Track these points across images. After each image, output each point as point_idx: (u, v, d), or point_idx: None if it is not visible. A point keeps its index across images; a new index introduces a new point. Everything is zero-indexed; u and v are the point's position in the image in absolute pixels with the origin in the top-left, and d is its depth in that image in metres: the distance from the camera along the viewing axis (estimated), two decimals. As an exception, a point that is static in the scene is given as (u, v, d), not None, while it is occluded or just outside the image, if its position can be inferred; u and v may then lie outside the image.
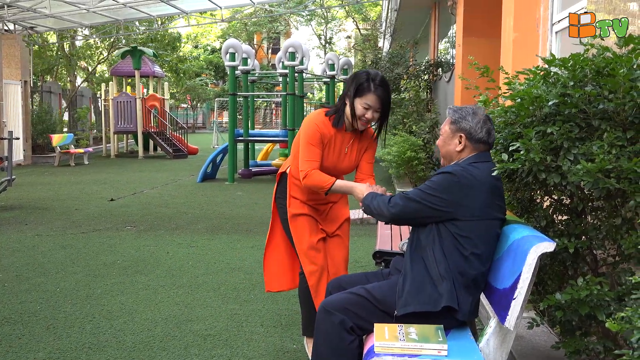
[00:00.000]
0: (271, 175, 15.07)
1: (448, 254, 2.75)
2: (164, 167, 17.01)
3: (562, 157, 2.61)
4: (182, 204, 10.14)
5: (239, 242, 7.22)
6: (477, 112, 2.92)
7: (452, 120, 2.94)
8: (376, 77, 3.38)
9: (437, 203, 2.74)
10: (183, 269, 5.96)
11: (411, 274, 2.80)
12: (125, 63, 21.46)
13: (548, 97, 2.74)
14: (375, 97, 3.36)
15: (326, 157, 3.52)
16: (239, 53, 13.76)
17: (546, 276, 3.17)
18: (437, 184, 2.76)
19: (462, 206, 2.71)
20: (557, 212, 3.19)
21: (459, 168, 2.77)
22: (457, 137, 2.91)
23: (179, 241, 7.23)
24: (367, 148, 3.64)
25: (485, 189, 2.74)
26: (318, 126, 3.47)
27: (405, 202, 2.83)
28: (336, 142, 3.53)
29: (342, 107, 3.48)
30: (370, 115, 3.41)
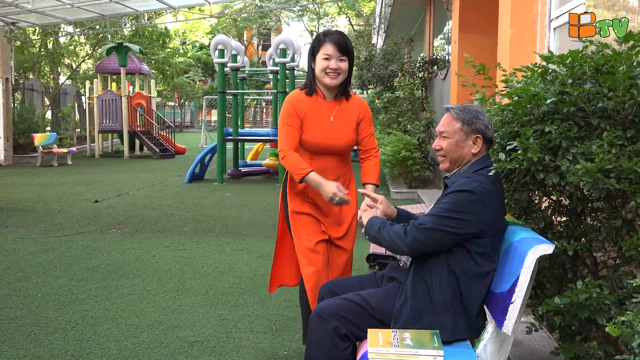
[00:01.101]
0: (261, 175, 15.06)
1: (460, 273, 2.68)
2: (150, 168, 16.96)
3: (561, 157, 2.61)
4: (169, 206, 10.11)
5: (228, 244, 7.20)
6: (482, 110, 2.89)
7: (464, 121, 2.85)
8: (329, 30, 3.52)
9: (461, 227, 2.64)
10: (170, 273, 5.94)
11: (412, 299, 2.73)
12: (111, 60, 21.39)
13: (546, 95, 2.74)
14: (331, 44, 3.42)
15: (310, 129, 3.49)
16: (228, 49, 13.74)
17: (545, 279, 3.17)
18: (458, 206, 2.65)
19: (485, 224, 2.66)
20: (556, 214, 3.19)
21: (476, 184, 2.67)
22: (471, 138, 2.84)
23: (166, 244, 7.21)
24: (360, 119, 3.58)
25: (499, 199, 2.73)
26: (291, 102, 3.54)
27: (426, 234, 2.68)
28: (317, 112, 3.51)
29: (312, 74, 3.54)
30: (334, 64, 3.42)
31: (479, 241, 2.68)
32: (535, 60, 5.20)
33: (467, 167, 2.85)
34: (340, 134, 3.51)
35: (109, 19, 19.69)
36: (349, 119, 3.54)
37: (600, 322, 2.51)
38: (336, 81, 3.46)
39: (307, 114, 3.51)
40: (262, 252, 6.78)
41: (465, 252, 2.69)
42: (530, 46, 6.00)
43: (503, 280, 2.60)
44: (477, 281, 2.70)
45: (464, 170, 2.85)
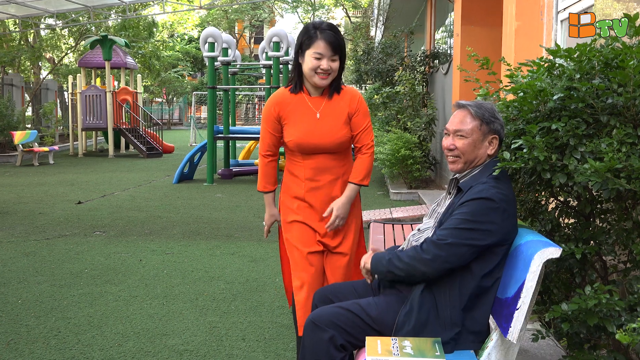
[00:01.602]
0: (253, 175, 15.04)
1: (471, 288, 2.67)
2: (136, 167, 16.93)
3: (568, 156, 2.61)
4: (156, 207, 10.09)
5: (218, 248, 7.19)
6: (496, 109, 2.88)
7: (483, 120, 2.82)
8: (321, 24, 3.39)
9: (483, 238, 2.63)
10: (157, 278, 5.93)
11: (418, 311, 2.71)
12: (95, 53, 21.36)
13: (553, 90, 2.75)
14: (324, 43, 3.32)
15: (295, 128, 3.46)
16: (218, 43, 13.73)
17: (552, 284, 3.18)
18: (478, 215, 2.63)
19: (504, 233, 2.65)
20: (564, 215, 3.20)
21: (495, 190, 2.66)
22: (488, 139, 2.83)
23: (153, 248, 7.20)
24: (352, 112, 3.47)
25: (515, 205, 2.73)
26: (272, 102, 3.53)
27: (449, 250, 2.64)
28: (302, 110, 3.46)
29: (298, 69, 3.46)
30: (326, 64, 3.34)
31: (496, 249, 2.68)
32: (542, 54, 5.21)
33: (481, 168, 2.84)
34: (328, 131, 3.43)
35: (93, 11, 19.67)
36: (338, 114, 3.45)
37: (610, 330, 2.51)
38: (326, 81, 3.40)
39: (290, 114, 3.47)
40: (254, 256, 6.78)
41: (477, 264, 2.68)
42: (536, 39, 6.01)
43: (508, 285, 2.61)
44: (487, 295, 2.70)
45: (478, 172, 2.83)
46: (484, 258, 2.67)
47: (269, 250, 7.05)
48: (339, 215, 3.43)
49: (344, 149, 3.52)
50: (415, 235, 3.04)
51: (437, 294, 2.71)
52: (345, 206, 3.45)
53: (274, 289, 5.59)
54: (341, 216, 3.44)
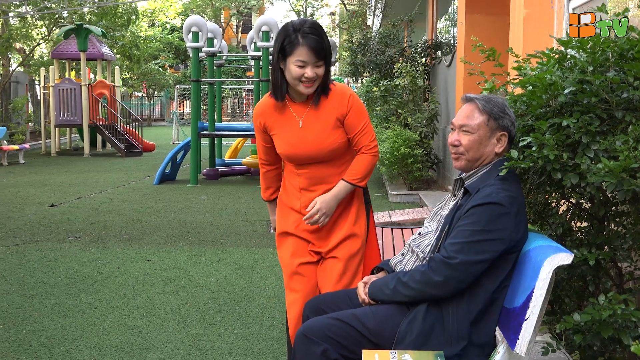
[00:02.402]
0: (241, 175, 15.03)
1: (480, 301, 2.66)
2: (114, 167, 16.90)
3: (581, 154, 2.62)
4: (135, 210, 10.08)
5: (203, 255, 7.19)
6: (507, 104, 2.86)
7: (491, 115, 2.81)
8: (302, 24, 3.27)
9: (496, 247, 2.63)
10: (137, 287, 5.92)
11: (422, 322, 2.69)
12: (69, 44, 21.31)
13: (564, 84, 2.75)
14: (306, 49, 3.22)
15: (279, 140, 3.44)
16: (203, 32, 13.71)
17: (563, 293, 3.19)
18: (489, 223, 2.62)
19: (514, 239, 2.66)
20: (575, 219, 3.20)
21: (504, 194, 2.65)
22: (496, 136, 2.82)
23: (132, 254, 7.19)
24: (342, 114, 3.36)
25: (524, 207, 2.74)
26: (256, 112, 3.51)
27: (462, 270, 2.63)
28: (285, 119, 3.42)
29: (279, 75, 3.36)
30: (311, 72, 3.24)
31: (508, 257, 2.68)
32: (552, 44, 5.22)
33: (489, 168, 2.83)
34: (314, 140, 3.35)
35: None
36: (324, 120, 3.35)
37: (626, 342, 2.52)
38: (312, 89, 3.30)
39: (275, 124, 3.45)
40: (242, 263, 6.78)
41: (487, 275, 2.68)
42: (546, 29, 6.03)
43: (516, 294, 2.61)
44: (493, 305, 2.70)
45: (485, 172, 2.83)
46: (494, 267, 2.67)
47: (258, 257, 7.05)
48: (320, 209, 3.34)
49: (338, 155, 3.42)
50: (416, 239, 3.04)
51: (444, 306, 2.71)
52: (329, 202, 3.36)
53: (263, 298, 5.58)
54: (323, 211, 3.35)
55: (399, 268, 3.03)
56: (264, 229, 8.65)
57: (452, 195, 3.00)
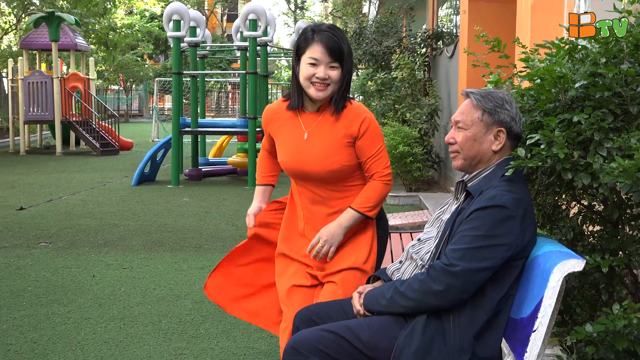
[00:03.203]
0: (227, 176, 15.01)
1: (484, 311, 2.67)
2: (89, 167, 16.87)
3: (593, 153, 2.63)
4: (112, 214, 10.06)
5: (185, 261, 7.18)
6: (511, 100, 2.87)
7: (485, 110, 2.83)
8: (321, 24, 3.30)
9: (501, 253, 2.63)
10: (113, 297, 5.91)
11: (422, 335, 2.69)
12: (40, 33, 21.23)
13: (575, 77, 2.76)
14: (320, 45, 3.21)
15: (281, 149, 3.46)
16: (185, 21, 13.70)
17: (574, 302, 3.20)
18: (493, 228, 2.62)
19: (520, 245, 2.66)
20: (587, 222, 3.21)
21: (509, 196, 2.65)
22: (493, 132, 2.83)
23: (108, 261, 7.17)
24: (353, 135, 3.30)
25: (532, 210, 2.74)
26: (265, 114, 3.54)
27: (465, 278, 2.62)
28: (291, 127, 3.42)
29: (295, 81, 3.36)
30: (323, 72, 3.22)
31: (515, 263, 2.68)
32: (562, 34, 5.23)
33: (493, 168, 2.84)
34: (316, 156, 3.33)
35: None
36: (331, 136, 3.32)
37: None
38: (324, 94, 3.26)
39: (279, 131, 3.46)
40: (227, 271, 6.77)
41: (492, 284, 2.68)
42: (555, 17, 6.04)
43: (523, 303, 2.61)
44: (499, 315, 2.70)
45: (489, 173, 2.83)
46: (499, 275, 2.67)
47: (245, 264, 7.04)
48: (322, 237, 3.31)
49: (340, 178, 3.38)
50: (415, 246, 3.04)
51: (445, 318, 2.71)
52: (333, 232, 3.31)
53: (250, 309, 5.58)
54: (324, 238, 3.30)
55: (397, 276, 3.03)
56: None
57: (455, 199, 3.00)
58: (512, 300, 2.71)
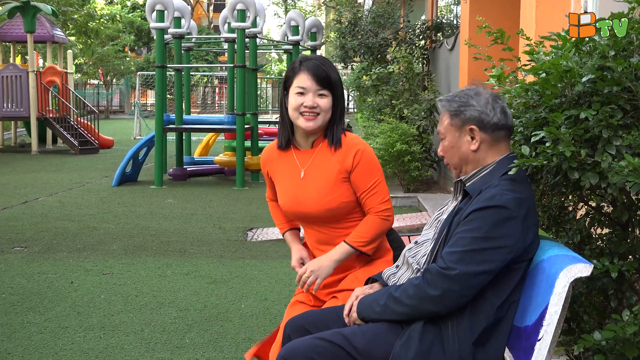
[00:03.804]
0: (213, 176, 15.00)
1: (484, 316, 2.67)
2: (67, 166, 16.84)
3: (601, 151, 2.63)
4: (91, 216, 10.05)
5: (169, 267, 7.17)
6: (479, 91, 2.90)
7: (452, 113, 2.88)
8: (308, 56, 3.39)
9: (500, 257, 2.63)
10: (93, 305, 5.90)
11: (419, 342, 2.69)
12: (14, 24, 21.17)
13: (582, 70, 2.77)
14: (307, 74, 3.26)
15: (280, 192, 3.51)
16: (169, 11, 13.68)
17: (581, 310, 3.20)
18: (491, 229, 2.63)
19: (522, 246, 2.66)
20: (596, 224, 3.22)
21: (510, 196, 2.65)
22: (466, 132, 2.85)
23: (88, 267, 7.16)
24: (347, 169, 3.33)
25: (534, 210, 2.75)
26: (262, 156, 3.61)
27: (463, 282, 2.63)
28: (287, 167, 3.45)
29: (285, 116, 3.40)
30: (311, 100, 3.25)
31: (516, 266, 2.69)
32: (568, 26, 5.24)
33: (491, 168, 2.84)
34: (312, 196, 3.36)
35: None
36: (327, 172, 3.35)
37: (653, 364, 2.54)
38: (314, 124, 3.29)
39: (276, 172, 3.51)
40: (214, 277, 6.77)
41: (492, 288, 2.68)
42: (561, 7, 6.05)
43: (527, 310, 2.62)
44: (502, 323, 2.70)
45: (487, 173, 2.84)
46: (499, 279, 2.68)
47: (233, 269, 7.04)
48: (309, 268, 3.30)
49: (341, 216, 3.39)
50: (412, 249, 3.04)
51: (443, 324, 2.71)
52: (322, 263, 3.31)
53: (238, 317, 5.58)
54: (311, 269, 3.29)
55: (392, 281, 3.03)
56: (239, 237, 8.64)
57: (454, 199, 3.01)
58: (515, 307, 2.72)
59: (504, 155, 2.86)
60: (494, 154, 2.86)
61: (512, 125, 2.90)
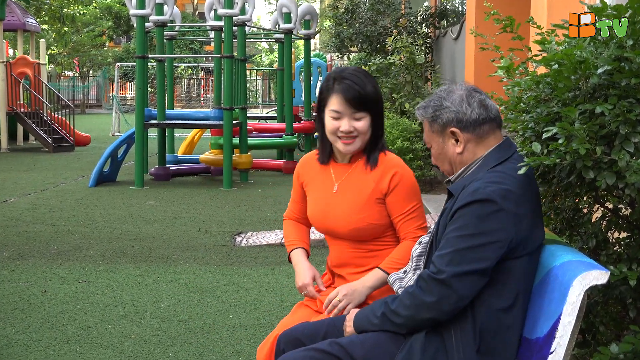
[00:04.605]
0: (198, 176, 14.98)
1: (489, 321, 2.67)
2: (39, 165, 16.82)
3: (618, 148, 2.63)
4: (66, 220, 10.03)
5: (150, 274, 7.17)
6: (451, 90, 2.93)
7: (430, 120, 2.93)
8: (344, 70, 3.40)
9: (491, 254, 2.63)
10: (68, 316, 5.89)
11: (422, 354, 2.70)
12: (-19, 11, 21.15)
13: (597, 61, 2.77)
14: (340, 97, 3.32)
15: (311, 200, 3.58)
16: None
17: (597, 320, 3.21)
18: (476, 225, 2.64)
19: (514, 239, 2.66)
20: (612, 228, 3.22)
21: (493, 187, 2.66)
22: (448, 136, 2.89)
23: (62, 274, 7.15)
24: (383, 191, 3.39)
25: (530, 200, 2.74)
26: (300, 163, 3.68)
27: (458, 285, 2.63)
28: (321, 179, 3.54)
29: (321, 132, 3.49)
30: (347, 125, 3.32)
31: (507, 265, 2.68)
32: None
33: (479, 164, 2.86)
34: (343, 212, 3.42)
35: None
36: (360, 190, 3.42)
37: (674, 379, 2.55)
38: (353, 147, 3.38)
39: (312, 181, 3.58)
40: (199, 285, 6.76)
41: (489, 289, 2.68)
42: (576, -7, 6.06)
43: (539, 321, 2.62)
44: (510, 333, 2.70)
45: (474, 170, 2.86)
46: (496, 279, 2.68)
47: (220, 277, 7.04)
48: (342, 292, 3.30)
49: (369, 237, 3.44)
50: (417, 250, 3.08)
51: (445, 331, 2.72)
52: (355, 288, 3.32)
53: (225, 329, 5.58)
54: (344, 293, 3.29)
55: (397, 286, 3.05)
56: (226, 242, 8.64)
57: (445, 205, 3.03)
58: (523, 316, 2.72)
59: (492, 147, 2.88)
60: (483, 149, 2.88)
61: (496, 116, 2.91)
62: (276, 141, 16.52)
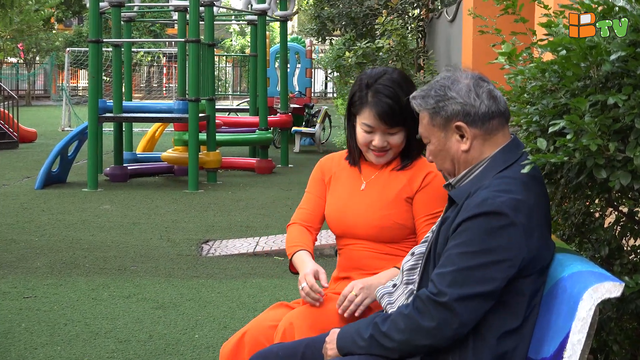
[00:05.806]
0: (159, 176, 14.95)
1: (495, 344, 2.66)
2: (-22, 165, 16.76)
3: (633, 144, 2.65)
4: (9, 226, 10.00)
5: (106, 289, 7.15)
6: (456, 77, 2.88)
7: (430, 112, 2.86)
8: (378, 77, 3.47)
9: (501, 274, 2.61)
10: (11, 336, 5.87)
11: None
12: None
13: (610, 47, 2.78)
14: (373, 112, 3.41)
15: (331, 198, 3.65)
16: (105, -28, 13.65)
17: (610, 338, 3.23)
18: (483, 241, 2.61)
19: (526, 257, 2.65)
20: (627, 234, 3.24)
21: (504, 198, 2.63)
22: (452, 131, 2.84)
23: (5, 289, 7.13)
24: (413, 189, 3.53)
25: (543, 212, 2.75)
26: (326, 157, 3.79)
27: (461, 308, 2.60)
28: (348, 175, 3.66)
29: (351, 133, 3.61)
30: (380, 141, 3.44)
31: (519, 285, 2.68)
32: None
33: (484, 166, 2.84)
34: (367, 208, 3.54)
35: None
36: (388, 189, 3.55)
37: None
38: (384, 159, 3.54)
39: (337, 178, 3.68)
40: (161, 300, 6.75)
41: (494, 313, 2.68)
42: (586, -31, 6.10)
43: (545, 339, 2.63)
44: (513, 354, 2.70)
45: (478, 174, 2.84)
46: (504, 301, 2.67)
47: (184, 291, 7.03)
48: (358, 286, 3.33)
49: (387, 238, 3.52)
50: (408, 262, 3.04)
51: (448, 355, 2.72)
52: (370, 283, 3.35)
53: (191, 349, 5.57)
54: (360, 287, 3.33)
55: (386, 300, 3.03)
56: (192, 252, 8.63)
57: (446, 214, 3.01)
58: (529, 336, 2.72)
59: (500, 147, 2.85)
60: (491, 147, 2.85)
61: (505, 109, 2.89)
62: (248, 137, 16.51)
